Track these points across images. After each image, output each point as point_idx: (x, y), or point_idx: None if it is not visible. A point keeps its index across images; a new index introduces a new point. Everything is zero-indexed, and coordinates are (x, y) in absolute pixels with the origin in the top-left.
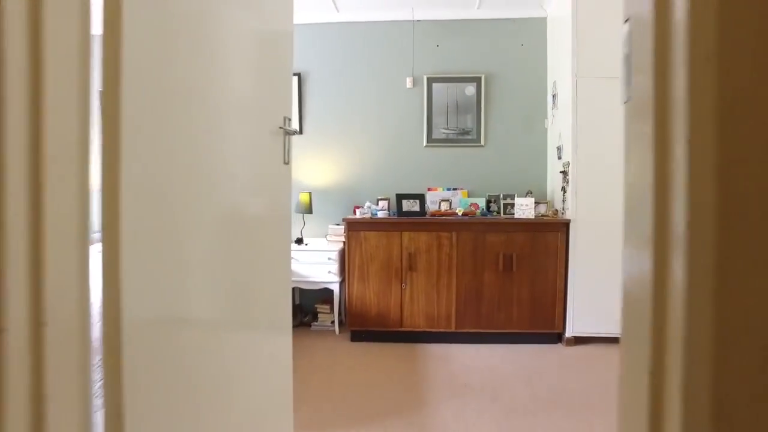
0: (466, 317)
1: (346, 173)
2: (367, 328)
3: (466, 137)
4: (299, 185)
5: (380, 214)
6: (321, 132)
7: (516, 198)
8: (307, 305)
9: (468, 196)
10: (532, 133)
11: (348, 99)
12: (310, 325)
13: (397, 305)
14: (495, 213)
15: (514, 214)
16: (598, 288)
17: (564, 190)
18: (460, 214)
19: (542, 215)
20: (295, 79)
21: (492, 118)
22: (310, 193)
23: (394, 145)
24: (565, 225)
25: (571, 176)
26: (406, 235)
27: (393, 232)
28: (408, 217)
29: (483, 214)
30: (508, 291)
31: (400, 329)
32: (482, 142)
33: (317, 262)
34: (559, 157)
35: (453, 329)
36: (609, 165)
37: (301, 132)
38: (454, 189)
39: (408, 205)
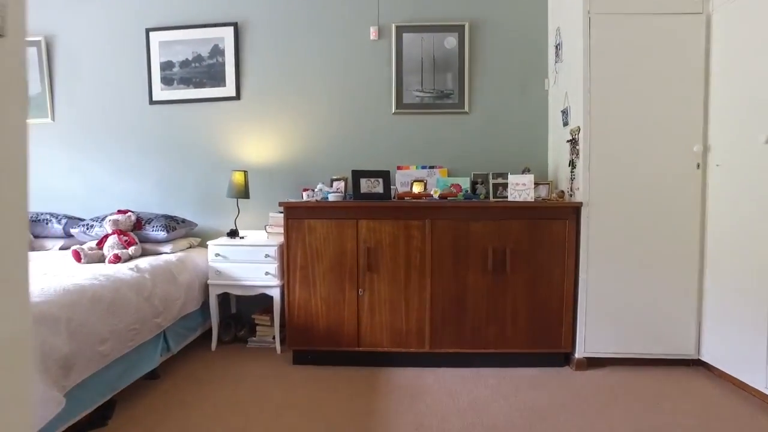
0: (445, 333)
1: (294, 148)
2: (313, 347)
3: (445, 101)
4: (232, 162)
5: (332, 198)
6: (263, 97)
7: (510, 176)
8: (247, 314)
9: (448, 176)
10: (530, 96)
11: (296, 55)
12: (247, 341)
13: (352, 317)
14: (482, 196)
15: (507, 197)
16: (620, 293)
17: (572, 164)
18: (435, 196)
19: (544, 198)
20: (230, 30)
21: (478, 78)
22: (245, 172)
23: (354, 113)
24: (575, 210)
25: (583, 146)
26: (363, 224)
27: (346, 221)
28: (367, 201)
29: (467, 197)
30: (500, 298)
31: (357, 349)
32: (466, 108)
33: (252, 260)
34: (565, 123)
35: (427, 349)
36: (635, 128)
37: (238, 97)
38: (431, 167)
39: (368, 186)
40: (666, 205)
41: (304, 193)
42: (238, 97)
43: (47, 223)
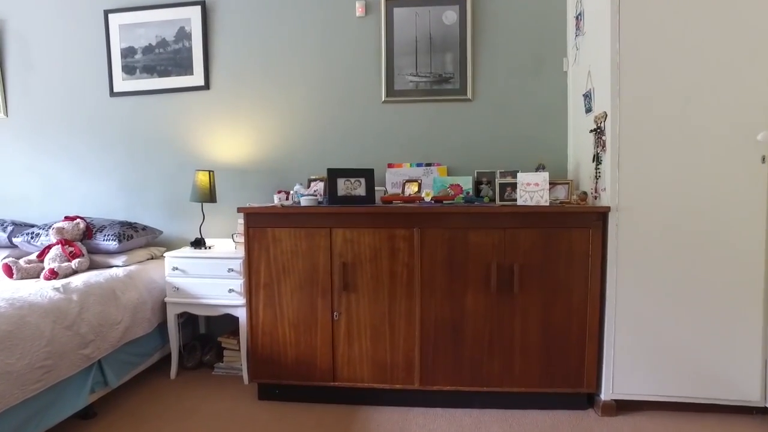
0: (438, 367)
1: (270, 144)
2: (280, 380)
3: (444, 87)
4: (202, 161)
5: (304, 201)
6: (234, 86)
7: (519, 175)
8: (217, 336)
9: (448, 174)
10: (545, 79)
11: (271, 37)
12: (213, 367)
13: (326, 346)
14: (486, 199)
15: (516, 200)
16: (660, 321)
17: (597, 159)
18: (428, 199)
19: (562, 202)
20: (197, 9)
21: (483, 58)
22: (211, 172)
23: (338, 103)
24: (600, 216)
25: (610, 136)
26: (339, 234)
27: (318, 229)
28: (341, 206)
29: (468, 201)
30: (507, 324)
31: (332, 383)
32: (468, 94)
33: (214, 275)
34: (588, 109)
35: (417, 386)
36: (678, 112)
37: (207, 86)
38: (428, 165)
39: (346, 187)
40: (721, 209)
41: (276, 196)
42: (207, 86)
43: None
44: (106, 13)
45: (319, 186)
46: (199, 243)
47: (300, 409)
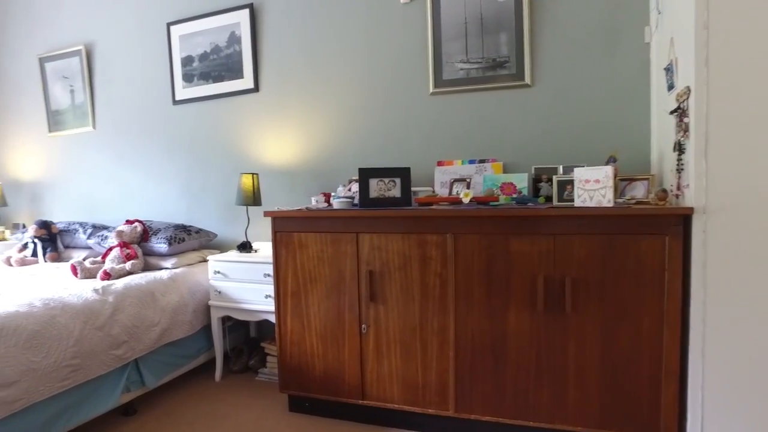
0: (476, 393)
1: (315, 144)
2: (309, 393)
3: (499, 73)
4: (253, 163)
5: (336, 204)
6: (282, 86)
7: (576, 170)
8: (267, 340)
9: (504, 171)
10: (622, 54)
11: (316, 34)
12: (257, 372)
13: (354, 361)
14: (542, 200)
15: (573, 200)
16: (767, 357)
17: (679, 148)
18: (466, 200)
19: (639, 201)
20: (245, 13)
21: (544, 37)
22: (254, 175)
23: (384, 98)
24: (681, 220)
25: (695, 117)
26: (365, 239)
27: (344, 234)
28: (370, 209)
29: (520, 202)
30: (558, 349)
31: (360, 402)
32: (527, 79)
33: (252, 279)
34: (671, 86)
35: (451, 412)
36: None
37: (256, 89)
38: (481, 161)
39: (379, 188)
40: None
41: (313, 199)
42: (256, 88)
43: (75, 233)
44: (168, 25)
45: (357, 187)
46: (244, 246)
47: (327, 426)
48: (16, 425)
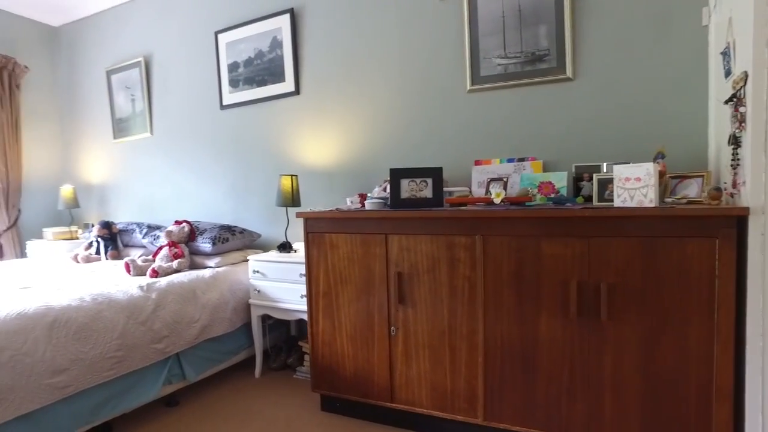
0: (505, 401)
1: (354, 145)
2: (340, 394)
3: (538, 67)
4: (289, 165)
5: (369, 205)
6: (320, 88)
7: (615, 168)
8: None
9: (543, 170)
10: (674, 40)
11: (353, 36)
12: (295, 370)
13: (384, 363)
14: (581, 200)
15: (613, 201)
16: None
17: (735, 141)
18: (497, 201)
19: (691, 200)
20: (286, 18)
21: (586, 26)
22: (293, 176)
23: (420, 97)
24: (734, 221)
25: (752, 105)
26: (394, 240)
27: (373, 235)
28: (401, 210)
29: (556, 202)
30: (593, 360)
31: (389, 404)
32: (568, 72)
33: (287, 279)
34: (728, 72)
35: (480, 420)
36: None
37: (297, 92)
38: (520, 159)
39: (411, 189)
40: None
41: (348, 200)
42: (297, 91)
43: (133, 233)
44: (216, 34)
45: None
46: (284, 246)
47: (357, 427)
48: (68, 409)
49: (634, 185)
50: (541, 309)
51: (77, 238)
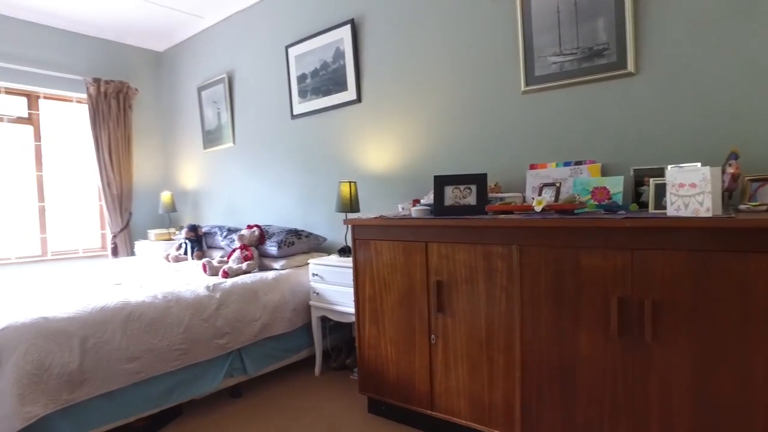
0: (543, 420)
1: (409, 151)
2: (384, 397)
3: (596, 63)
4: (347, 171)
5: (415, 212)
6: (379, 94)
7: (668, 171)
8: None
9: (602, 174)
10: (759, 26)
11: (409, 43)
12: (353, 371)
13: (424, 370)
14: (634, 207)
15: (666, 209)
16: None
17: None
18: (538, 208)
19: (756, 204)
20: (347, 28)
21: (650, 15)
22: (351, 183)
23: (472, 101)
24: None
25: None
26: (434, 249)
27: (414, 243)
28: (445, 217)
29: (608, 209)
30: (637, 383)
31: (429, 412)
32: (630, 67)
33: (342, 283)
34: None
35: None
36: None
37: (359, 99)
38: (577, 163)
39: (454, 196)
40: None
41: (400, 206)
42: (359, 99)
43: (215, 236)
44: (287, 48)
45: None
46: (344, 251)
47: None
48: (141, 392)
49: (689, 192)
50: (581, 325)
51: (172, 239)
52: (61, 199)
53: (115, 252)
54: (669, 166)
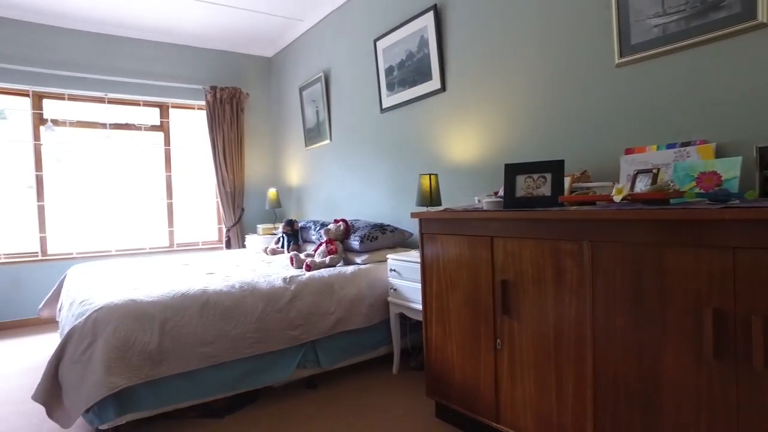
0: None
1: (495, 140)
2: (450, 403)
3: (712, 18)
4: (432, 163)
5: (487, 205)
6: (463, 82)
7: None
8: None
9: (715, 155)
10: None
11: (495, 23)
12: None
13: (489, 377)
14: (752, 195)
15: None
16: None
17: None
18: (618, 198)
19: None
20: (430, 15)
21: None
22: (432, 175)
23: (561, 83)
24: None
25: None
26: (500, 244)
27: (479, 238)
28: (515, 210)
29: (715, 198)
30: (741, 416)
31: (495, 425)
32: (761, 16)
33: (417, 279)
34: None
35: None
36: None
37: (443, 88)
38: (684, 144)
39: (527, 186)
40: None
41: (476, 198)
42: (443, 88)
43: (309, 230)
44: (375, 41)
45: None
46: None
47: None
48: (217, 376)
49: None
50: (666, 341)
51: (274, 233)
52: (185, 197)
53: (228, 245)
54: None
